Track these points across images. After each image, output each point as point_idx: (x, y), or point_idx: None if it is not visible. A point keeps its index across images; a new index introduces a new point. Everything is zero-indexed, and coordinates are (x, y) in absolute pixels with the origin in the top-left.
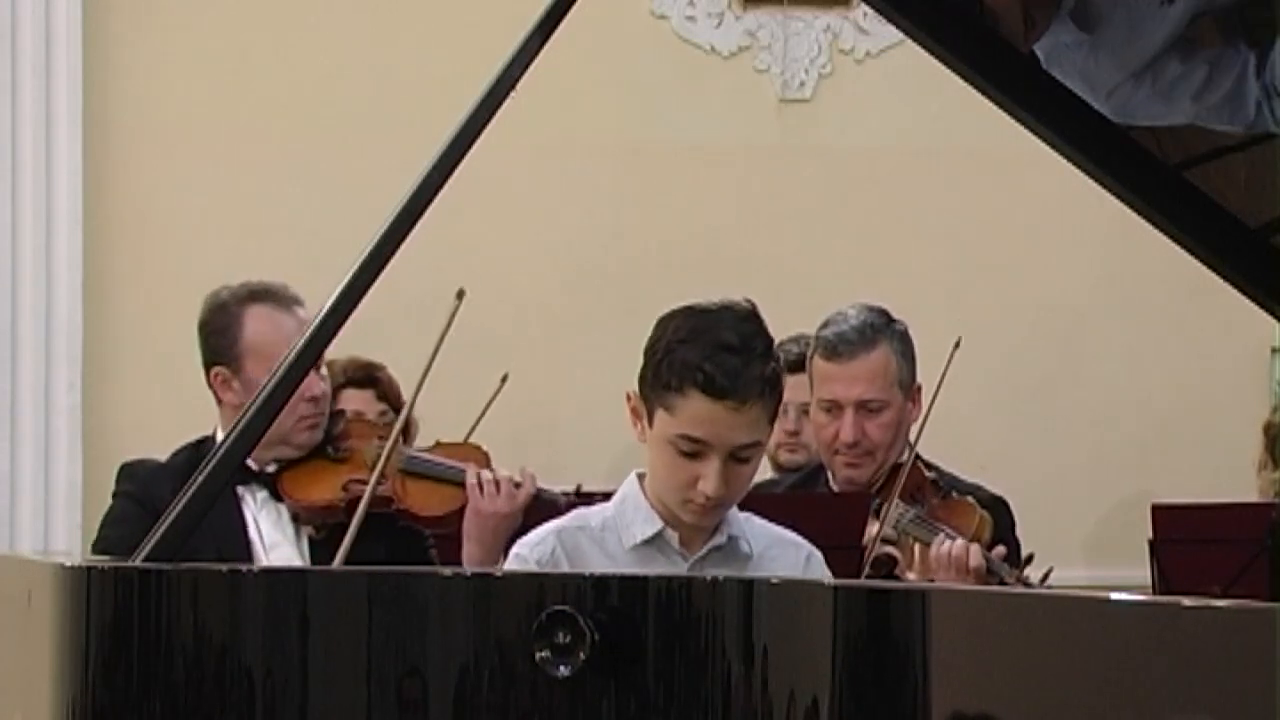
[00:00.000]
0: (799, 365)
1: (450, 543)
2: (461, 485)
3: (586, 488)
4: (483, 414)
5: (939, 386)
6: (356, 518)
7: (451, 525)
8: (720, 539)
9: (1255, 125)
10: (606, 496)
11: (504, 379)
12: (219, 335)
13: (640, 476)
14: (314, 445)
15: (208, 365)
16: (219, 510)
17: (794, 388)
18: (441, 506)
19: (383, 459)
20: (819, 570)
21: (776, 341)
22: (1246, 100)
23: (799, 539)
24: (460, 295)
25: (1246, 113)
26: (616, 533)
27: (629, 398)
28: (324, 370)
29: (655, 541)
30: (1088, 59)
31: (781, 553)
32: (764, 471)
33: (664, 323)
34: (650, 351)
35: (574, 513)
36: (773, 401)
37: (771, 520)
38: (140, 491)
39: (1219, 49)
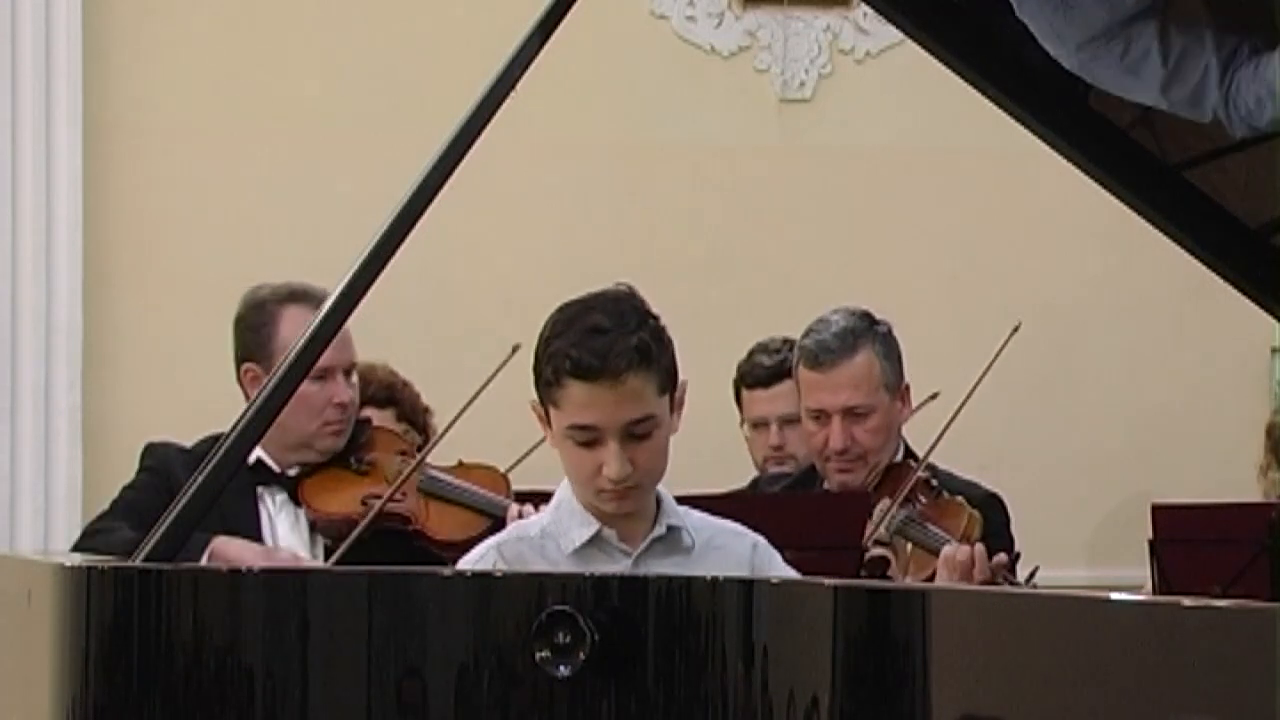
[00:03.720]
0: (775, 377)
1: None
2: (480, 512)
3: None
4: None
5: (986, 370)
6: (361, 526)
7: (466, 551)
8: (659, 530)
9: (1204, 119)
10: None
11: (514, 349)
12: (254, 332)
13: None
14: (337, 451)
15: (239, 360)
16: (237, 509)
17: (771, 400)
18: (459, 531)
19: (402, 478)
20: (768, 557)
21: (757, 342)
22: (1205, 101)
23: (743, 529)
24: (515, 350)
25: (1203, 111)
26: (556, 539)
27: (532, 407)
28: (354, 379)
29: (595, 542)
30: (1058, 9)
31: (726, 541)
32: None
33: (545, 324)
34: (534, 355)
35: (512, 525)
36: (653, 370)
37: (771, 520)
38: (161, 467)
39: (1190, 39)
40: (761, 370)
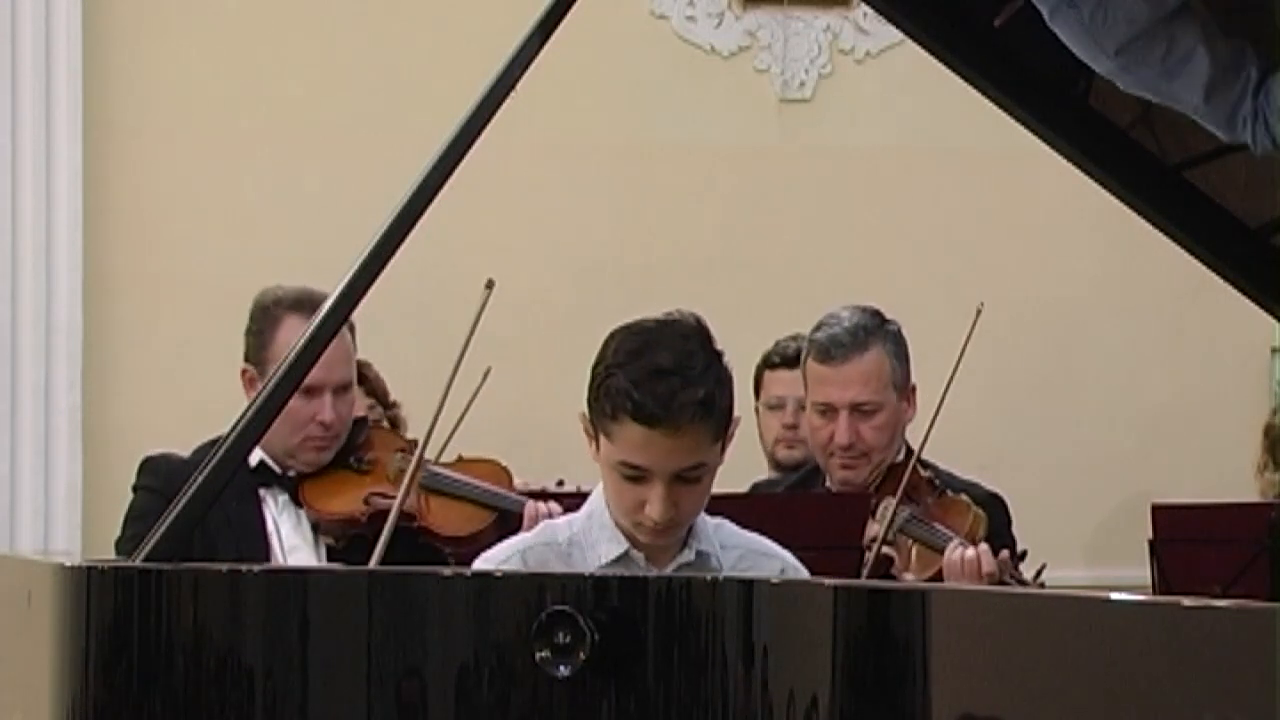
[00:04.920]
0: (796, 361)
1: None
2: (483, 505)
3: (583, 488)
4: (465, 411)
5: (959, 359)
6: (384, 535)
7: (473, 545)
8: (688, 555)
9: (1235, 138)
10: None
11: (486, 374)
12: (255, 336)
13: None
14: (321, 465)
15: (244, 360)
16: (240, 511)
17: (791, 383)
18: (463, 526)
19: (408, 476)
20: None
21: (775, 340)
22: (1239, 114)
23: (775, 549)
24: (490, 285)
25: (1234, 124)
26: (583, 550)
27: (581, 419)
28: (350, 396)
29: (622, 561)
30: (1096, 12)
31: (755, 564)
32: (762, 469)
33: (607, 343)
34: (593, 374)
35: (541, 526)
36: (714, 422)
37: (772, 520)
38: (162, 485)
39: (1233, 48)
40: (789, 351)
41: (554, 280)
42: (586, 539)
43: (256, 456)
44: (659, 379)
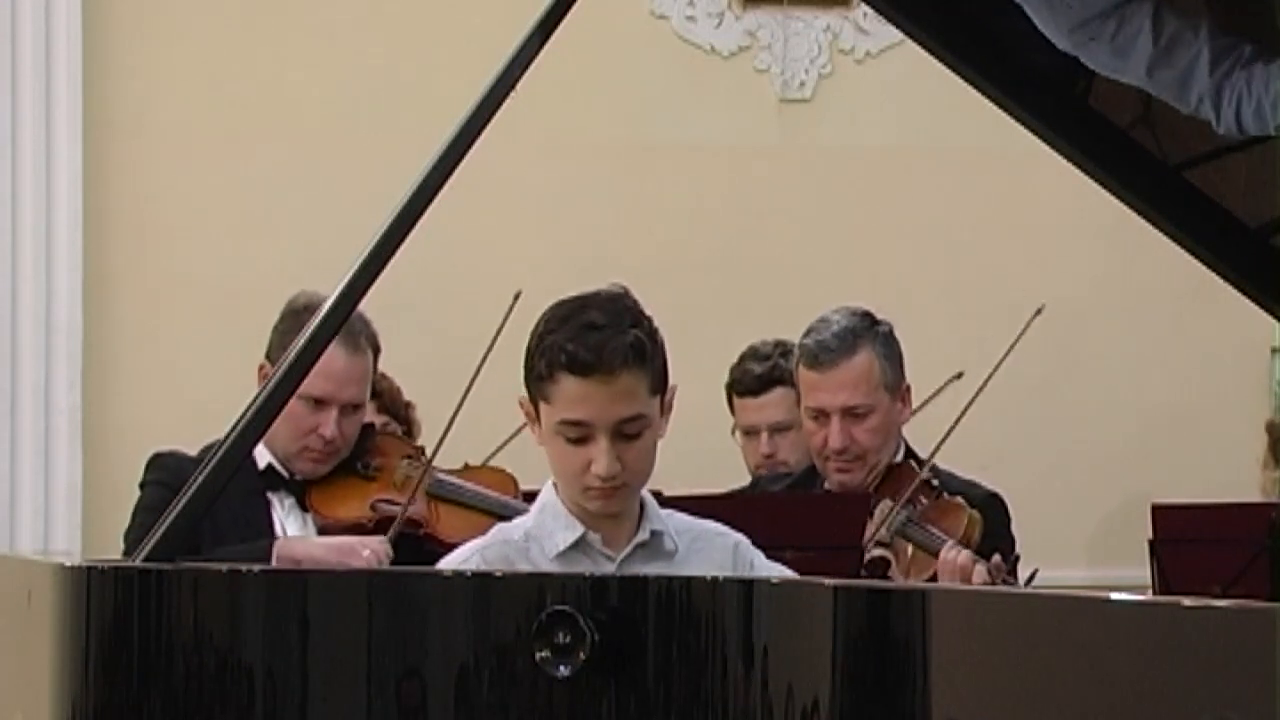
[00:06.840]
0: (765, 385)
1: None
2: (489, 513)
3: None
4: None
5: (1006, 355)
6: (389, 537)
7: None
8: (643, 535)
9: (1194, 113)
10: None
11: (516, 295)
12: (280, 335)
13: (556, 485)
14: (316, 475)
15: (265, 356)
16: (248, 513)
17: (761, 408)
18: (468, 533)
19: (415, 484)
20: (749, 557)
21: (749, 346)
22: (1191, 89)
23: (724, 528)
24: (517, 297)
25: (1187, 100)
26: (540, 543)
27: (521, 404)
28: (358, 417)
29: (579, 546)
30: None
31: (708, 544)
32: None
33: (537, 323)
34: (526, 352)
35: (494, 529)
36: (646, 369)
37: (771, 520)
38: (171, 479)
39: (1183, 25)
40: (751, 378)
41: (553, 279)
42: (542, 531)
43: (265, 460)
44: (591, 332)
